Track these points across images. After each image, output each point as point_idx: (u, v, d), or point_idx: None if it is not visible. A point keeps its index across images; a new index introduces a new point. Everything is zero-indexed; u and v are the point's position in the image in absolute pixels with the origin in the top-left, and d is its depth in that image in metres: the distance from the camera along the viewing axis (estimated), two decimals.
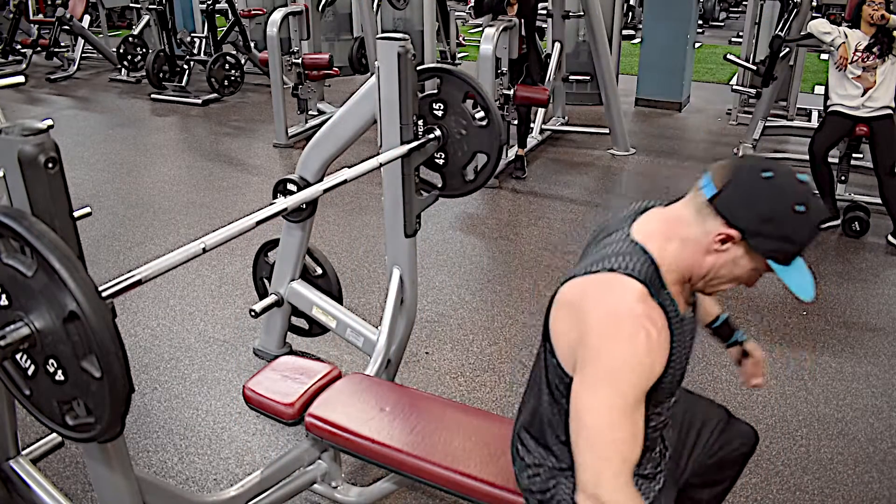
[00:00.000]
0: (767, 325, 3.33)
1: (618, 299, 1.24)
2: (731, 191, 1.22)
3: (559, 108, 6.38)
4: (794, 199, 1.20)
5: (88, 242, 3.35)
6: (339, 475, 2.19)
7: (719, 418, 1.71)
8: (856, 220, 4.21)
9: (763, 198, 1.21)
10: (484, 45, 4.63)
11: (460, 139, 2.30)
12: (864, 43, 4.11)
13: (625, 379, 1.21)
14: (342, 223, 4.45)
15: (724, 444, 1.68)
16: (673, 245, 1.29)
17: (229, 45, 7.77)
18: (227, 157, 5.83)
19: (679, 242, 1.29)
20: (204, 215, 4.61)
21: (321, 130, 2.46)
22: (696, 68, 7.95)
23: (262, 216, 1.67)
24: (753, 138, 5.51)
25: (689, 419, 1.67)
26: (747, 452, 1.71)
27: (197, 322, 3.35)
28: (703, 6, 11.74)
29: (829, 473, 2.44)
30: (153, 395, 2.83)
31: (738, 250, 1.25)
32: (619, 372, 1.21)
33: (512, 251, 4.15)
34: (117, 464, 1.55)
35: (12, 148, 1.18)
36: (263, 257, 2.97)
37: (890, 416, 2.73)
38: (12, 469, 1.93)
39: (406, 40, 2.14)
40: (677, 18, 6.82)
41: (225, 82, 7.35)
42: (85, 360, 1.15)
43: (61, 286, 1.10)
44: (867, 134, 4.18)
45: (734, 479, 1.74)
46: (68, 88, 8.21)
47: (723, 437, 1.68)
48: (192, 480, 2.41)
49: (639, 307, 1.23)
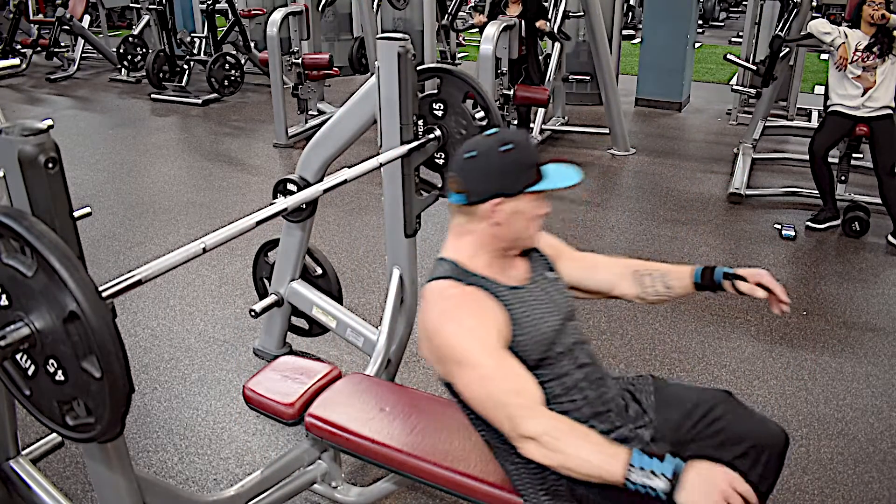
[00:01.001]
0: (767, 325, 3.33)
1: (433, 300, 1.50)
2: (468, 185, 1.51)
3: (559, 108, 6.38)
4: (497, 145, 1.49)
5: (88, 242, 3.35)
6: (339, 475, 2.19)
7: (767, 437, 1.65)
8: (856, 220, 4.21)
9: (483, 165, 1.49)
10: (484, 45, 4.63)
11: (460, 139, 2.30)
12: (864, 43, 4.11)
13: (472, 348, 1.41)
14: (342, 223, 4.45)
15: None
16: (466, 240, 1.55)
17: (229, 45, 7.77)
18: (227, 157, 5.83)
19: (470, 236, 1.54)
20: (204, 215, 4.61)
21: (321, 130, 2.46)
22: (696, 68, 7.95)
23: (262, 216, 1.67)
24: (753, 138, 5.51)
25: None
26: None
27: (197, 322, 3.35)
28: (703, 6, 11.74)
29: (829, 473, 2.44)
30: (153, 395, 2.83)
31: (508, 205, 1.49)
32: (463, 346, 1.41)
33: None
34: (117, 464, 1.55)
35: (12, 148, 1.18)
36: (263, 257, 2.97)
37: (890, 416, 2.73)
38: (12, 469, 1.93)
39: (406, 40, 2.14)
40: (677, 18, 6.82)
41: (225, 82, 7.35)
42: (85, 361, 1.15)
43: (61, 286, 1.10)
44: (867, 134, 4.18)
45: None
46: (68, 88, 8.21)
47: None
48: (192, 480, 2.41)
49: (449, 292, 1.48)
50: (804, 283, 3.76)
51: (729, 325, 3.33)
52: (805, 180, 4.89)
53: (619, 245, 4.20)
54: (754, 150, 5.44)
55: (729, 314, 3.43)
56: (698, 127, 6.69)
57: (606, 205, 4.85)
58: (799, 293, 3.65)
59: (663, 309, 3.46)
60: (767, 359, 3.08)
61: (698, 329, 3.30)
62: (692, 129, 6.62)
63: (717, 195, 4.93)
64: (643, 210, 4.72)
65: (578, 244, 4.28)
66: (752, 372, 2.99)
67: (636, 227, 4.43)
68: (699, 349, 3.15)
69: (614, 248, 4.15)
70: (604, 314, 3.40)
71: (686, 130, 6.59)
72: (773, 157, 5.50)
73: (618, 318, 3.38)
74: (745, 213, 4.64)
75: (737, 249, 4.16)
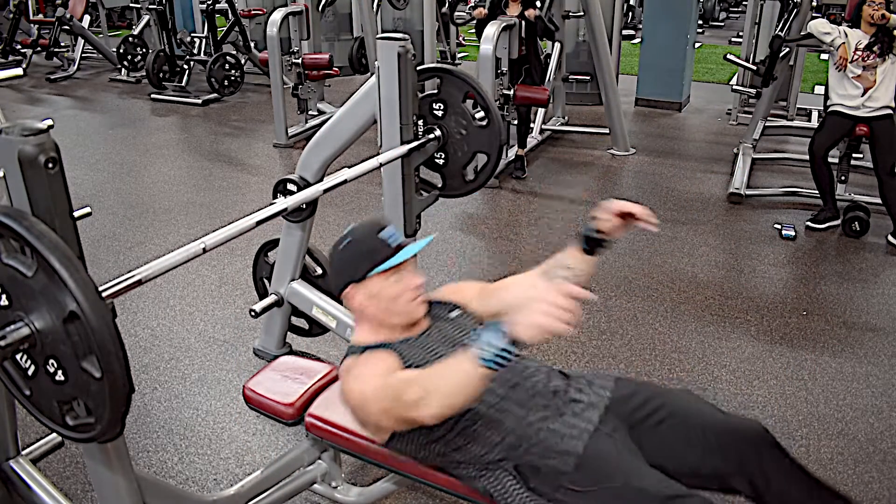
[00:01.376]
0: (767, 325, 3.33)
1: (341, 378, 1.66)
2: (332, 284, 1.73)
3: (559, 108, 6.38)
4: (338, 245, 1.67)
5: (88, 242, 3.34)
6: (339, 475, 2.19)
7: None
8: (856, 220, 4.21)
9: (335, 264, 1.69)
10: (484, 45, 4.63)
11: (460, 139, 2.30)
12: (864, 42, 4.11)
13: (363, 387, 1.55)
14: (342, 223, 4.45)
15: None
16: (361, 326, 1.72)
17: (229, 45, 7.77)
18: (227, 157, 5.83)
19: (361, 322, 1.72)
20: (204, 215, 4.61)
21: (321, 130, 2.46)
22: (696, 68, 7.95)
23: (262, 216, 1.67)
24: (753, 138, 5.51)
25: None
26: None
27: (197, 322, 3.35)
28: (703, 6, 11.74)
29: (829, 473, 2.44)
30: (153, 395, 2.83)
31: (361, 291, 1.64)
32: (357, 388, 1.57)
33: (512, 251, 4.15)
34: (117, 464, 1.55)
35: (12, 148, 1.18)
36: (263, 257, 2.97)
37: (890, 416, 2.73)
38: (12, 469, 1.93)
39: (406, 40, 2.14)
40: (677, 18, 6.82)
41: (225, 82, 7.35)
42: (85, 361, 1.15)
43: (61, 286, 1.10)
44: (867, 134, 4.18)
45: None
46: (68, 88, 8.21)
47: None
48: (192, 480, 2.41)
49: (347, 364, 1.64)
50: (804, 283, 3.76)
51: (729, 325, 3.33)
52: (805, 180, 4.89)
53: (618, 245, 4.19)
54: (754, 150, 5.44)
55: (729, 314, 3.43)
56: (698, 127, 6.69)
57: None
58: (799, 293, 3.65)
59: (663, 309, 3.46)
60: (767, 359, 3.08)
61: (698, 329, 3.30)
62: (692, 129, 6.62)
63: (717, 195, 4.93)
64: None
65: None
66: (752, 372, 2.99)
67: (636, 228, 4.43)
68: (699, 349, 3.15)
69: (614, 247, 4.13)
70: (604, 314, 3.40)
71: (686, 130, 6.59)
72: (773, 157, 5.50)
73: (618, 319, 3.38)
74: (745, 213, 4.64)
75: (737, 249, 4.16)
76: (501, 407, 1.59)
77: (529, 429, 1.57)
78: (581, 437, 1.55)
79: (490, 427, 1.57)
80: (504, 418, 1.58)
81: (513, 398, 1.61)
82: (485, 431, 1.57)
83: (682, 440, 1.61)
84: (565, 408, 1.61)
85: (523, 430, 1.56)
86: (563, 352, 3.11)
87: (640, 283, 3.72)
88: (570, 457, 1.52)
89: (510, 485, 1.56)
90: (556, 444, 1.55)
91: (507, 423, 1.57)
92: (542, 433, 1.56)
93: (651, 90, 7.16)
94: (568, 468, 1.52)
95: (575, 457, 1.52)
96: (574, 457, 1.52)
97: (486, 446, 1.57)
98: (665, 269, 3.87)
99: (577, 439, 1.55)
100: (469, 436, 1.58)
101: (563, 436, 1.56)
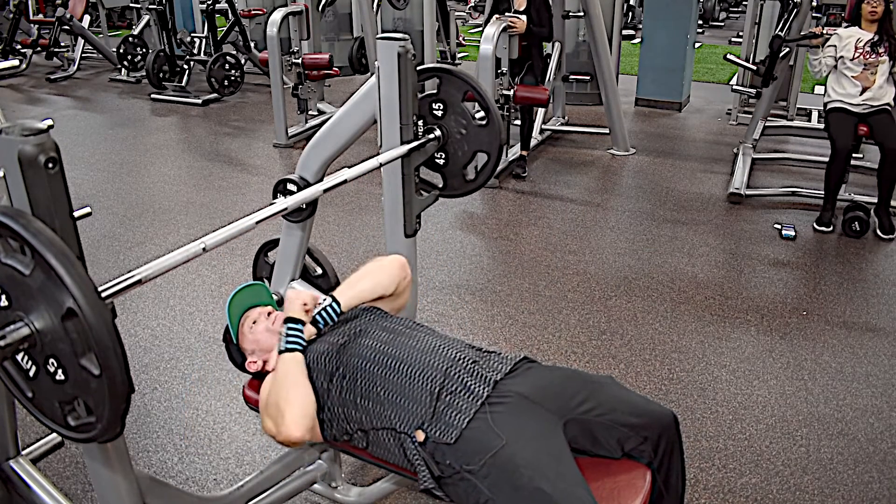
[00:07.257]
0: (767, 325, 3.33)
1: None
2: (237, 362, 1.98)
3: (559, 108, 6.38)
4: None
5: (88, 242, 3.34)
6: (339, 475, 2.19)
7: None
8: (856, 220, 4.21)
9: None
10: (484, 45, 4.63)
11: (460, 139, 2.30)
12: (865, 38, 4.12)
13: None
14: (342, 223, 4.45)
15: None
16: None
17: (229, 45, 7.77)
18: (227, 157, 5.83)
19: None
20: (204, 215, 4.61)
21: (321, 130, 2.46)
22: (696, 68, 7.95)
23: (262, 216, 1.66)
24: (753, 138, 5.51)
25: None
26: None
27: (197, 322, 3.35)
28: (703, 6, 11.73)
29: (829, 473, 2.44)
30: (153, 395, 2.83)
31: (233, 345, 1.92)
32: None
33: (512, 251, 4.15)
34: (117, 464, 1.55)
35: (12, 148, 1.18)
36: (263, 257, 2.97)
37: (890, 416, 2.73)
38: (12, 469, 1.93)
39: (406, 40, 2.14)
40: (677, 18, 6.82)
41: (225, 82, 7.35)
42: (84, 358, 1.15)
43: (58, 282, 1.10)
44: (867, 134, 4.18)
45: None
46: (68, 88, 8.22)
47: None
48: (192, 480, 2.41)
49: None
50: (804, 283, 3.76)
51: (729, 325, 3.33)
52: (805, 180, 4.90)
53: (619, 245, 4.20)
54: (754, 150, 5.44)
55: (729, 314, 3.43)
56: (698, 127, 6.69)
57: (606, 205, 4.85)
58: (799, 293, 3.65)
59: (663, 309, 3.46)
60: (767, 359, 3.08)
61: (698, 329, 3.30)
62: (692, 129, 6.62)
63: (717, 195, 4.93)
64: (643, 210, 4.72)
65: (579, 244, 4.28)
66: (752, 372, 2.99)
67: (636, 228, 4.43)
68: (699, 349, 3.15)
69: (614, 247, 4.15)
70: (604, 314, 3.41)
71: (686, 130, 6.59)
72: (773, 157, 5.50)
73: (618, 319, 3.38)
74: (745, 213, 4.64)
75: (737, 249, 4.16)
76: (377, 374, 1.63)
77: (407, 400, 1.58)
78: (467, 412, 1.53)
79: (367, 397, 1.62)
80: (378, 388, 1.62)
81: (390, 372, 1.63)
82: (364, 400, 1.63)
83: (605, 428, 1.61)
84: (452, 382, 1.59)
85: (400, 401, 1.59)
86: (564, 352, 3.11)
87: (640, 283, 3.72)
88: (454, 430, 1.51)
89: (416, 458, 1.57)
90: (445, 416, 1.54)
91: (383, 392, 1.61)
92: (421, 406, 1.56)
93: (651, 90, 7.16)
94: (450, 440, 1.50)
95: (458, 430, 1.51)
96: (457, 430, 1.51)
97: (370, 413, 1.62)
98: (665, 269, 3.88)
99: (464, 413, 1.53)
100: (352, 402, 1.64)
101: (451, 409, 1.54)
